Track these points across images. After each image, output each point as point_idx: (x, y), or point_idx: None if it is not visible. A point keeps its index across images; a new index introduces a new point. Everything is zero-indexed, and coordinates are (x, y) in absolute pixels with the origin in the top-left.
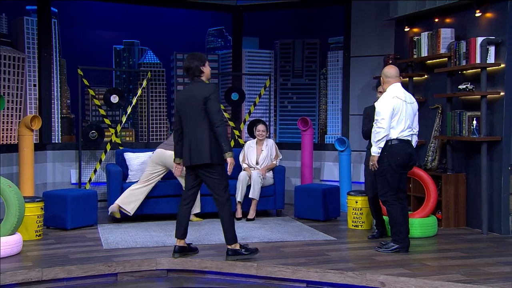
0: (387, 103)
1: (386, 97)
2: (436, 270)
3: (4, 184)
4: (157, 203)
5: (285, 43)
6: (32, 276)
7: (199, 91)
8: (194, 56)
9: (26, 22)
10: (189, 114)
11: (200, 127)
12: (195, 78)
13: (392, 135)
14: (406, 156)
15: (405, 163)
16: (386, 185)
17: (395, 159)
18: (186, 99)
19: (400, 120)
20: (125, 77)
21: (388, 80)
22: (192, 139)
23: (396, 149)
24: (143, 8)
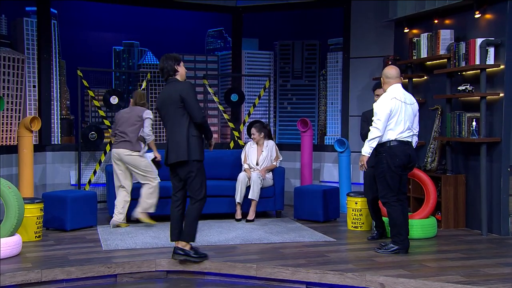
0: (385, 104)
1: (384, 98)
2: (435, 271)
3: (3, 186)
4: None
5: (284, 44)
6: (31, 277)
7: (175, 89)
8: (168, 57)
9: (26, 23)
10: (167, 114)
11: (177, 126)
12: (169, 78)
13: (391, 136)
14: (405, 158)
15: (404, 164)
16: (386, 187)
17: (394, 161)
18: (164, 100)
19: (399, 121)
20: (125, 78)
21: (388, 80)
22: (170, 139)
23: (395, 150)
24: (143, 9)
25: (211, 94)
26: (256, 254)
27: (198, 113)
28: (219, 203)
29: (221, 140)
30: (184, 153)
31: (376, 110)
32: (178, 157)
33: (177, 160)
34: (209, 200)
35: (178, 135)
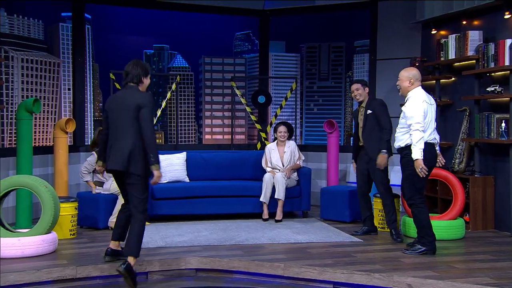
0: (420, 107)
1: (417, 100)
2: (464, 273)
3: (40, 185)
4: (187, 203)
5: (311, 47)
6: (66, 273)
7: (133, 97)
8: (138, 64)
9: (62, 29)
10: (117, 119)
11: (125, 134)
12: (130, 84)
13: None
14: (433, 159)
15: (431, 166)
16: (413, 189)
17: (424, 164)
18: (118, 103)
19: (428, 123)
20: (155, 81)
21: (416, 83)
22: (114, 144)
23: (425, 153)
24: (172, 13)
25: (238, 96)
26: (283, 253)
27: (149, 126)
28: (246, 203)
29: (248, 141)
30: (124, 164)
31: (413, 114)
32: (117, 165)
33: (115, 168)
34: (236, 200)
35: (123, 143)
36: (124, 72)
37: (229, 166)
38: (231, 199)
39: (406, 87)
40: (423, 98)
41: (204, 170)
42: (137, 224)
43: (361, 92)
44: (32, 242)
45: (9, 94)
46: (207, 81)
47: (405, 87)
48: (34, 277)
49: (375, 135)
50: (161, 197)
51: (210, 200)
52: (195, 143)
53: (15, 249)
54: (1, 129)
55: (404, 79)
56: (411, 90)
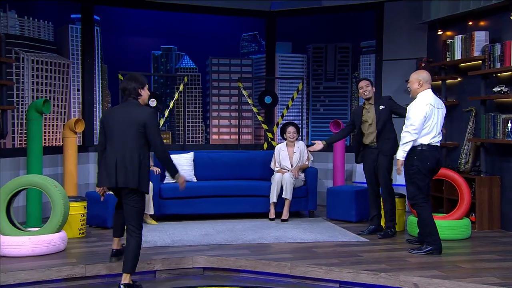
0: (420, 110)
1: (420, 103)
2: (470, 272)
3: (50, 184)
4: (195, 203)
5: (317, 47)
6: (76, 272)
7: (137, 113)
8: (132, 77)
9: (71, 30)
10: (120, 134)
11: (130, 150)
12: (130, 99)
13: (424, 141)
14: (435, 162)
15: (434, 168)
16: (416, 189)
17: (425, 164)
18: (120, 119)
19: (432, 126)
20: (163, 82)
21: (426, 84)
22: (120, 161)
23: (427, 154)
24: (180, 15)
25: (245, 97)
26: (290, 253)
27: (161, 145)
28: (252, 202)
29: (255, 141)
30: (135, 180)
31: (411, 115)
32: (128, 183)
33: (126, 186)
34: (243, 199)
35: (130, 160)
36: (121, 89)
37: (236, 166)
38: (238, 198)
39: (415, 89)
40: (428, 101)
41: (211, 170)
42: (136, 239)
43: (370, 89)
44: (42, 240)
45: (20, 95)
46: (214, 82)
47: (415, 89)
48: (44, 275)
49: (388, 133)
50: (169, 196)
51: (217, 200)
52: (202, 143)
53: (26, 248)
54: (12, 129)
55: (414, 81)
56: (420, 92)
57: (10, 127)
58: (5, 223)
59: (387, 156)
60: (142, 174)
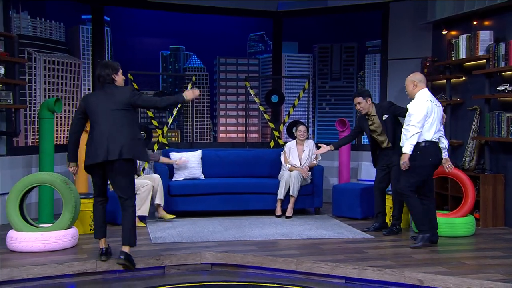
0: (422, 106)
1: (420, 100)
2: (474, 269)
3: (61, 182)
4: (203, 200)
5: (323, 47)
6: (87, 267)
7: (120, 92)
8: (106, 65)
9: (82, 31)
10: (107, 114)
11: (120, 126)
12: (106, 85)
13: (426, 137)
14: (436, 158)
15: (434, 164)
16: (408, 181)
17: (427, 160)
18: (104, 101)
19: (433, 123)
20: (172, 81)
21: (420, 84)
22: (111, 138)
23: (429, 150)
24: (188, 15)
25: (252, 96)
26: (296, 249)
27: (155, 101)
28: (259, 200)
29: (262, 139)
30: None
31: (413, 112)
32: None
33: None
34: (250, 197)
35: (121, 136)
36: (97, 76)
37: (243, 164)
38: (245, 196)
39: (411, 90)
40: (427, 97)
41: (219, 168)
42: (131, 213)
43: (363, 105)
44: (54, 236)
45: (32, 94)
46: (221, 81)
47: (411, 90)
48: (56, 270)
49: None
50: (178, 194)
51: (225, 197)
52: (210, 141)
53: (38, 244)
54: (24, 128)
55: (409, 83)
56: (416, 92)
57: (23, 125)
58: (18, 219)
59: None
60: (137, 146)
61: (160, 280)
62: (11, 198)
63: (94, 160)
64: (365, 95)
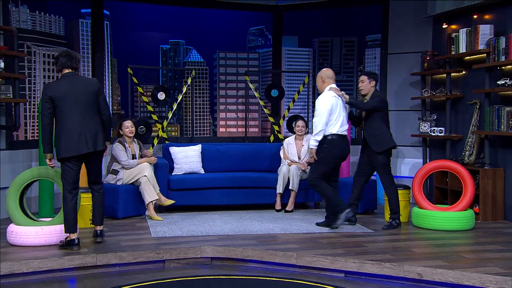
0: (326, 102)
1: (326, 96)
2: (474, 262)
3: None
4: (202, 194)
5: (323, 41)
6: (87, 261)
7: (89, 83)
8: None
9: (81, 25)
10: (77, 105)
11: (93, 117)
12: (68, 72)
13: (332, 130)
14: (342, 151)
15: (341, 156)
16: (319, 173)
17: (332, 152)
18: (71, 90)
19: (338, 117)
20: (171, 75)
21: (328, 80)
22: (87, 128)
23: (335, 143)
24: (188, 10)
25: (252, 90)
26: (296, 243)
27: (108, 109)
28: (259, 194)
29: (261, 134)
30: (101, 143)
31: (319, 108)
32: (98, 146)
33: (98, 149)
34: (250, 191)
35: (95, 126)
36: (58, 61)
37: (243, 158)
38: (245, 190)
39: (320, 85)
40: (332, 94)
41: (219, 162)
42: (102, 197)
43: (365, 84)
44: (55, 230)
45: (32, 88)
46: (221, 75)
47: (320, 86)
48: (57, 264)
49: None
50: (177, 188)
51: (225, 191)
52: (210, 135)
53: (39, 238)
54: (24, 122)
55: (318, 79)
56: (324, 87)
57: (23, 119)
58: (18, 213)
59: (379, 154)
60: (102, 137)
61: (160, 274)
62: (11, 192)
63: (73, 152)
64: (371, 76)
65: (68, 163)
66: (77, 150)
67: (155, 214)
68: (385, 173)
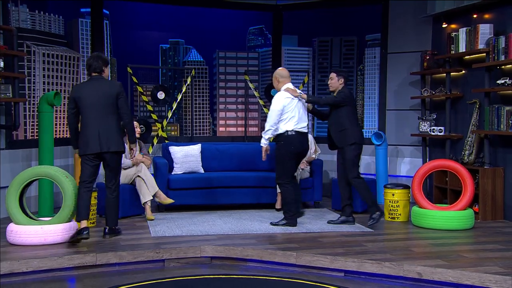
0: (278, 102)
1: (279, 96)
2: (473, 262)
3: (61, 175)
4: (202, 194)
5: (323, 41)
6: (87, 260)
7: (110, 86)
8: (98, 56)
9: (81, 24)
10: (96, 106)
11: (111, 118)
12: (95, 75)
13: (287, 127)
14: (299, 146)
15: (298, 152)
16: (282, 170)
17: (290, 148)
18: (95, 92)
19: (293, 115)
20: (171, 75)
21: (282, 80)
22: (102, 129)
23: (292, 139)
24: (187, 9)
25: (252, 89)
26: (296, 242)
27: (129, 113)
28: (259, 193)
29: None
30: (118, 143)
31: (271, 107)
32: (114, 146)
33: (111, 150)
34: (250, 190)
35: (111, 127)
36: (87, 65)
37: (243, 158)
38: (245, 189)
39: (276, 85)
40: (286, 95)
41: (219, 162)
42: (117, 199)
43: (334, 82)
44: (54, 230)
45: (31, 87)
46: (221, 75)
47: (276, 85)
48: (56, 263)
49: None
50: (177, 187)
51: (224, 191)
52: (210, 135)
53: (38, 237)
54: (23, 121)
55: (274, 79)
56: (280, 87)
57: (22, 119)
58: (18, 212)
59: (347, 149)
60: (120, 138)
61: (160, 273)
62: (11, 191)
63: (90, 150)
64: (340, 74)
65: (85, 159)
66: (91, 149)
67: (150, 213)
68: (352, 168)
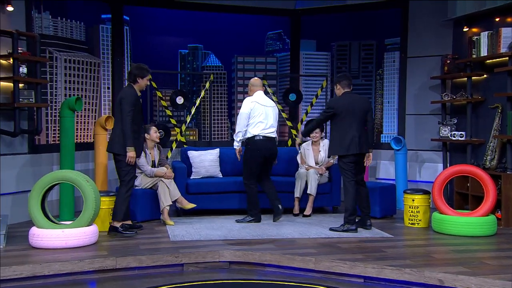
0: (246, 107)
1: (246, 101)
2: (496, 269)
3: (82, 179)
4: (220, 198)
5: (341, 45)
6: (107, 264)
7: (120, 92)
8: (138, 67)
9: (101, 30)
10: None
11: (117, 123)
12: (129, 83)
13: (255, 132)
14: (265, 150)
15: (264, 155)
16: (249, 172)
17: (256, 152)
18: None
19: (260, 120)
20: (190, 80)
21: (253, 88)
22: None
23: (258, 144)
24: (206, 14)
25: (270, 94)
26: (314, 248)
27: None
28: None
29: (279, 138)
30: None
31: (240, 111)
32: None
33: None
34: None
35: (114, 130)
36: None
37: None
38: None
39: (250, 92)
40: (254, 99)
41: (237, 166)
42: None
43: (336, 91)
44: (75, 233)
45: (53, 93)
46: (239, 80)
47: (249, 93)
48: (77, 266)
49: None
50: (195, 191)
51: (243, 195)
52: (228, 139)
53: (59, 240)
54: (45, 126)
55: (249, 86)
56: (251, 94)
57: (44, 124)
58: (40, 216)
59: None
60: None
61: (179, 278)
62: (33, 195)
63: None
64: (335, 81)
65: None
66: None
67: (168, 218)
68: (343, 177)
